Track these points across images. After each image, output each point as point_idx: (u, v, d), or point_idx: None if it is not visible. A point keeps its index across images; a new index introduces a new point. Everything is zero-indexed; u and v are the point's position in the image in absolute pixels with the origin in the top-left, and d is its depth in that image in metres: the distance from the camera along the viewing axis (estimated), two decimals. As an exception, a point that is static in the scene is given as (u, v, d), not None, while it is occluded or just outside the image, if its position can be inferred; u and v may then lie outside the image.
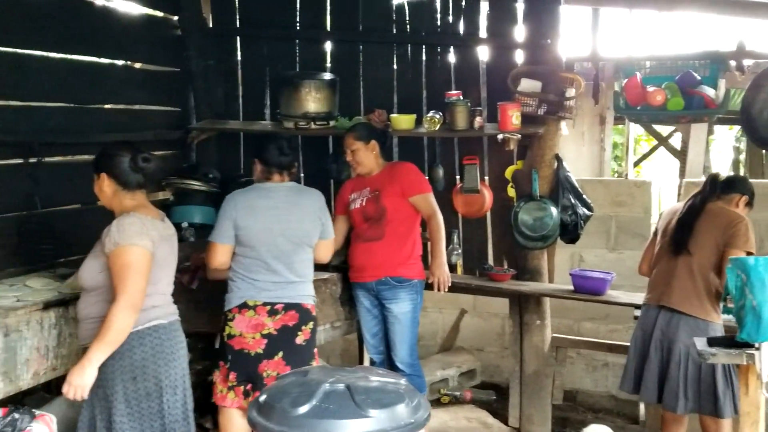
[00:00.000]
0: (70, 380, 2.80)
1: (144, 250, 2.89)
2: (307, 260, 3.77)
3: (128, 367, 2.90)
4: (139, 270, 2.86)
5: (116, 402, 2.88)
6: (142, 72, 5.13)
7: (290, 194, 3.73)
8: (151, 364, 2.95)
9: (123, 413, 2.89)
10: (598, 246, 5.63)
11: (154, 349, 2.97)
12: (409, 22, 5.23)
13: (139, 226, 2.92)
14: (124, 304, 2.80)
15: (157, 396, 2.96)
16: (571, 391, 5.57)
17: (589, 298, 4.53)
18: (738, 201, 3.91)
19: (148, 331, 2.96)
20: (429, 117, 4.82)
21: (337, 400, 2.50)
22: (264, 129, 5.31)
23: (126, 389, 2.90)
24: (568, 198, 4.67)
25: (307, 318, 3.70)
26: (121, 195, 3.05)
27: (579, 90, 4.56)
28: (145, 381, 2.93)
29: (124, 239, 2.85)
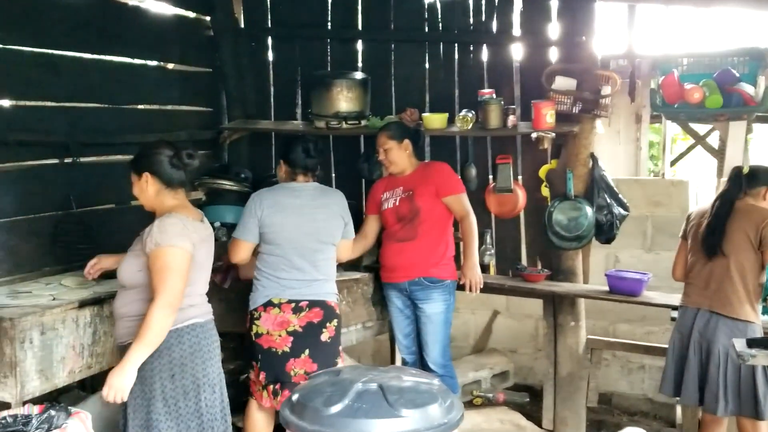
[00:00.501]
0: (110, 382, 2.81)
1: (184, 251, 2.91)
2: (331, 259, 3.81)
3: (167, 366, 2.91)
4: (178, 271, 2.88)
5: (154, 400, 2.90)
6: (175, 73, 5.16)
7: (316, 194, 3.79)
8: (189, 362, 2.97)
9: (160, 412, 2.90)
10: (634, 246, 5.54)
11: (192, 348, 2.98)
12: (441, 20, 5.19)
13: (180, 228, 2.93)
14: (163, 304, 2.82)
15: (194, 395, 2.98)
16: (606, 393, 5.49)
17: (624, 299, 4.45)
18: (765, 193, 3.83)
19: (186, 330, 2.97)
20: (461, 116, 4.78)
21: (370, 400, 2.50)
22: (295, 129, 5.31)
23: (164, 387, 2.92)
24: (604, 197, 4.60)
25: (332, 315, 3.72)
26: (163, 194, 3.06)
27: (615, 88, 4.49)
28: (183, 379, 2.95)
29: (165, 240, 2.87)
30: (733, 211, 3.78)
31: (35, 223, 3.96)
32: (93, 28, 4.36)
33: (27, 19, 3.95)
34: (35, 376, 3.13)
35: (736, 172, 3.90)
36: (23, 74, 3.95)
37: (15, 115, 3.92)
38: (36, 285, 3.67)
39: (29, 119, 3.99)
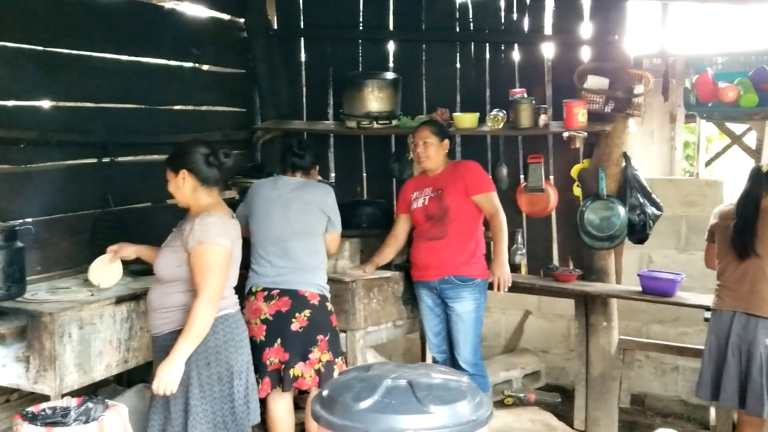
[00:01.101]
0: (160, 375, 2.91)
1: (224, 249, 3.02)
2: (309, 249, 3.85)
3: (203, 354, 3.01)
4: (219, 268, 2.99)
5: (191, 386, 3.00)
6: (210, 74, 5.24)
7: (295, 186, 3.91)
8: (223, 350, 3.07)
9: (197, 396, 3.01)
10: (667, 247, 5.48)
11: (225, 337, 3.09)
12: (472, 20, 5.20)
13: (220, 226, 3.04)
14: (206, 299, 2.94)
15: (228, 380, 3.09)
16: (639, 394, 5.45)
17: (657, 300, 4.41)
18: None
19: (219, 320, 3.07)
20: (492, 115, 4.78)
21: (399, 396, 2.51)
22: (327, 128, 5.37)
23: (200, 374, 3.02)
24: (637, 197, 4.57)
25: (303, 305, 3.76)
26: (199, 191, 3.14)
27: (647, 87, 4.46)
28: (217, 366, 3.06)
29: (208, 238, 2.97)
30: (761, 211, 3.73)
31: (74, 220, 4.07)
32: (130, 30, 4.45)
33: (66, 23, 4.05)
34: (74, 370, 3.21)
35: (756, 170, 3.84)
36: (63, 76, 4.05)
37: (55, 116, 4.03)
38: (75, 281, 3.77)
39: (69, 120, 4.09)
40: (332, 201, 3.97)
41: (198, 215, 3.06)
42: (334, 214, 3.97)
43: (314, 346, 3.74)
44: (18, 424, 2.77)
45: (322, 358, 3.75)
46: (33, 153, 3.87)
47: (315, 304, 3.79)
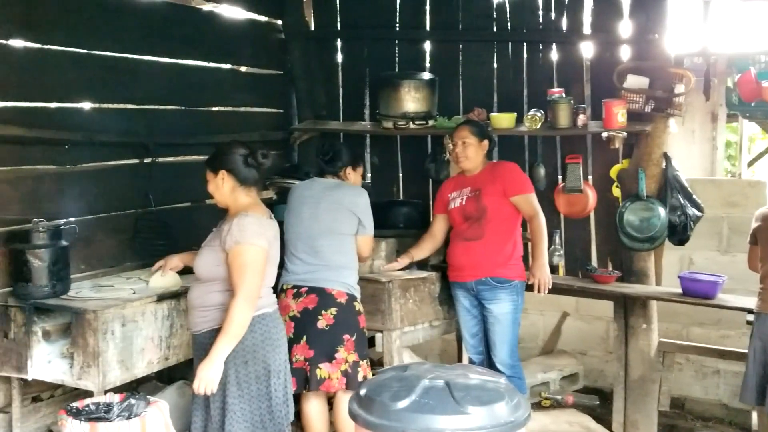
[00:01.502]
0: (200, 375, 2.95)
1: (261, 249, 3.05)
2: (337, 248, 3.86)
3: (240, 353, 3.04)
4: (256, 268, 3.02)
5: (229, 385, 3.03)
6: (247, 75, 5.30)
7: (329, 186, 3.95)
8: (260, 349, 3.10)
9: (235, 395, 3.04)
10: (709, 248, 5.39)
11: (263, 336, 3.12)
12: (509, 19, 5.18)
13: (258, 227, 3.07)
14: (243, 299, 2.97)
15: (265, 379, 3.11)
16: (679, 398, 5.37)
17: (698, 302, 4.35)
18: None
19: (257, 319, 3.10)
20: (530, 115, 4.76)
21: (437, 396, 2.51)
22: (364, 129, 5.39)
23: (238, 373, 3.05)
24: (677, 198, 4.51)
25: (330, 303, 3.77)
26: (237, 191, 3.18)
27: (689, 86, 4.40)
28: (255, 365, 3.08)
29: (245, 239, 3.01)
30: None
31: (117, 220, 4.15)
32: (169, 33, 4.53)
33: (107, 26, 4.13)
34: (116, 366, 3.28)
35: None
36: (106, 78, 4.13)
37: (98, 118, 4.11)
38: (117, 279, 3.85)
39: (111, 121, 4.17)
40: (364, 202, 3.96)
41: (236, 215, 3.09)
42: (365, 216, 3.96)
43: (340, 345, 3.75)
44: (63, 419, 2.84)
45: (348, 358, 3.75)
46: (77, 154, 3.95)
47: (342, 302, 3.81)
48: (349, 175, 4.07)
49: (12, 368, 3.36)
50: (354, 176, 4.10)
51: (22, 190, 3.69)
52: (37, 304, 3.36)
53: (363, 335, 3.89)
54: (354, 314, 3.85)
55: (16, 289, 3.45)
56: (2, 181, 3.61)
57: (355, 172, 4.10)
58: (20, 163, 3.71)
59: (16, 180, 3.67)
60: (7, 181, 3.64)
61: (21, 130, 3.63)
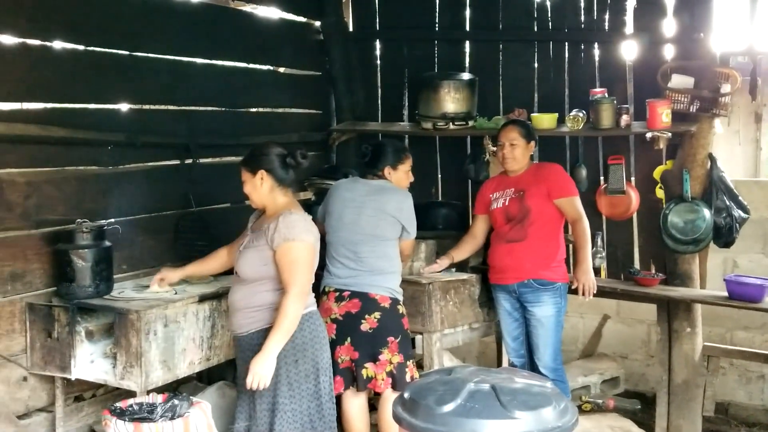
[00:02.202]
0: (254, 370, 2.95)
1: (309, 245, 3.08)
2: (380, 253, 3.82)
3: (290, 351, 3.06)
4: (307, 264, 3.06)
5: (280, 384, 3.05)
6: (287, 76, 5.32)
7: (372, 190, 3.89)
8: (310, 347, 3.13)
9: (286, 395, 3.06)
10: (753, 251, 5.29)
11: (312, 333, 3.15)
12: (550, 19, 5.12)
13: (303, 223, 3.10)
14: (296, 294, 2.99)
15: (314, 378, 3.13)
16: (723, 403, 5.26)
17: (744, 306, 4.24)
18: None
19: (306, 317, 3.12)
20: (572, 116, 4.70)
21: (483, 400, 2.47)
22: (402, 130, 5.37)
23: (288, 372, 3.06)
24: (723, 200, 4.41)
25: (373, 307, 3.76)
26: (276, 192, 3.20)
27: (735, 86, 4.30)
28: (305, 363, 3.10)
29: (294, 235, 3.03)
30: None
31: (158, 220, 4.18)
32: (209, 34, 4.56)
33: (149, 28, 4.18)
34: (158, 367, 3.30)
35: None
36: (146, 80, 4.18)
37: (140, 119, 4.16)
38: (160, 280, 3.86)
39: (152, 122, 4.22)
40: (407, 207, 3.92)
41: (280, 214, 3.10)
42: (409, 221, 3.92)
43: (384, 347, 3.74)
44: (107, 419, 2.86)
45: (392, 360, 3.74)
46: (120, 155, 3.99)
47: (386, 306, 3.79)
48: (390, 174, 3.99)
49: (56, 368, 3.40)
50: (395, 175, 4.00)
51: (65, 191, 3.74)
52: (80, 304, 3.40)
53: (407, 336, 3.87)
54: (398, 317, 3.83)
55: (60, 289, 3.50)
56: (46, 182, 3.66)
57: (396, 170, 3.99)
58: (64, 164, 3.76)
59: (60, 181, 3.72)
60: (52, 181, 3.69)
61: (65, 131, 3.68)
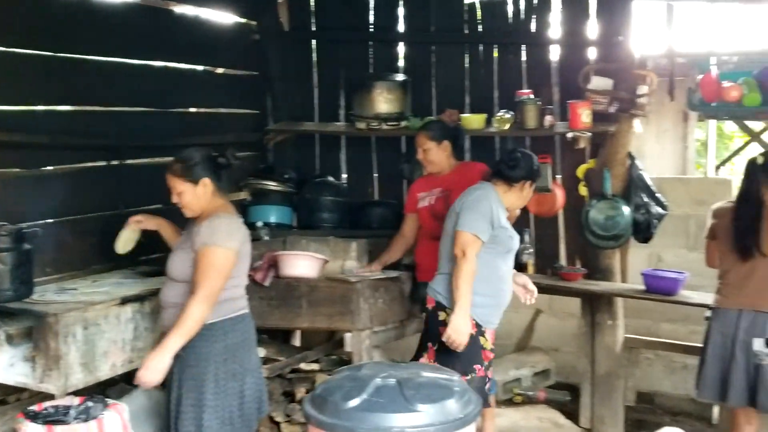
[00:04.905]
0: (147, 365, 2.97)
1: (229, 252, 3.07)
2: (445, 252, 3.77)
3: (221, 350, 3.10)
4: (221, 271, 3.05)
5: (207, 382, 3.08)
6: (223, 76, 5.33)
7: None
8: (239, 349, 3.16)
9: (211, 391, 3.09)
10: (677, 245, 5.47)
11: (243, 335, 3.19)
12: (480, 21, 5.24)
13: (228, 227, 3.11)
14: (202, 297, 2.99)
15: (240, 377, 3.17)
16: (648, 393, 5.44)
17: (660, 299, 4.43)
18: None
19: (239, 318, 3.17)
20: (499, 116, 4.83)
21: (388, 395, 2.58)
22: (338, 130, 5.44)
23: (217, 370, 3.10)
24: (641, 197, 4.58)
25: (425, 308, 3.87)
26: (215, 196, 3.21)
27: (652, 87, 4.47)
28: (233, 363, 3.14)
29: (213, 240, 3.04)
30: (763, 207, 3.67)
31: (86, 222, 4.16)
32: (141, 34, 4.52)
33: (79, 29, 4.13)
34: (78, 369, 3.30)
35: (751, 164, 3.77)
36: (73, 81, 4.14)
37: (67, 120, 4.12)
38: (83, 282, 3.87)
39: (80, 123, 4.17)
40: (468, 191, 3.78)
41: (207, 217, 3.12)
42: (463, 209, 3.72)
43: (425, 351, 3.78)
44: (20, 422, 2.87)
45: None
46: (45, 156, 3.96)
47: (429, 309, 3.81)
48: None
49: (-25, 372, 3.37)
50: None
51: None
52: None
53: (447, 350, 3.63)
54: (437, 324, 3.73)
55: (-22, 293, 3.46)
56: (-33, 186, 3.62)
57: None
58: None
59: (-20, 184, 3.67)
60: (-28, 185, 3.64)
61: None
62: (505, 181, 3.73)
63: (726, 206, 3.89)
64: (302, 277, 4.22)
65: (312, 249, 4.56)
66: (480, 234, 3.57)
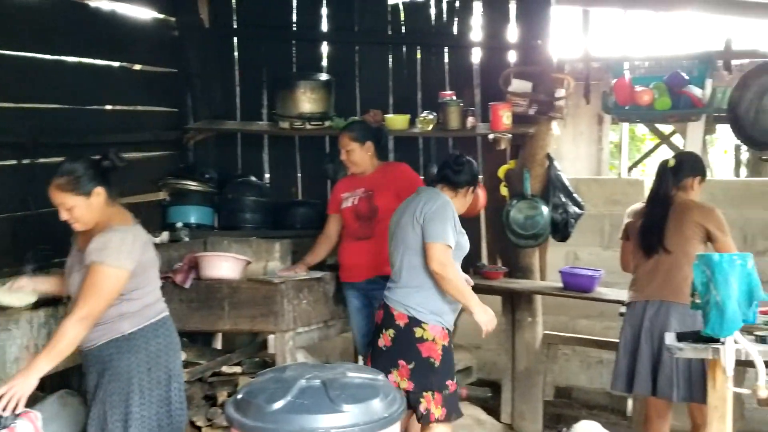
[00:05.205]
0: (12, 383, 2.78)
1: (119, 272, 2.90)
2: (410, 265, 3.61)
3: (144, 359, 3.00)
4: (106, 292, 2.89)
5: (132, 394, 2.98)
6: (141, 73, 5.20)
7: (412, 197, 3.75)
8: (163, 354, 3.07)
9: (137, 403, 2.99)
10: (593, 244, 5.66)
11: (166, 340, 3.09)
12: (404, 22, 5.29)
13: (119, 243, 2.92)
14: (79, 317, 2.84)
15: (166, 384, 3.08)
16: (566, 387, 5.60)
17: (577, 295, 4.57)
18: (692, 184, 3.89)
19: (160, 323, 3.07)
20: (422, 117, 4.88)
21: (312, 396, 2.56)
22: (261, 129, 5.38)
23: (141, 381, 3.00)
24: (559, 197, 4.71)
25: (390, 323, 3.62)
26: (108, 204, 3.04)
27: (568, 90, 4.60)
28: (158, 371, 3.04)
29: (102, 258, 2.88)
30: (671, 209, 3.82)
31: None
32: (58, 30, 4.38)
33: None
34: (-13, 376, 3.17)
35: (663, 166, 3.93)
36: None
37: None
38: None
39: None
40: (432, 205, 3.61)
41: (102, 229, 2.95)
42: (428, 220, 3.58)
43: (394, 368, 3.58)
44: (-76, 433, 2.73)
45: (400, 384, 3.54)
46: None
47: (400, 325, 3.60)
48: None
49: None
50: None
51: None
52: None
53: (427, 366, 3.56)
54: (412, 341, 3.57)
55: None
56: None
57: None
58: None
59: None
60: None
61: None
62: (451, 186, 3.72)
63: (639, 206, 4.05)
64: (224, 278, 4.15)
65: (234, 250, 4.50)
66: (450, 242, 3.54)
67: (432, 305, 3.59)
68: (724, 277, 2.42)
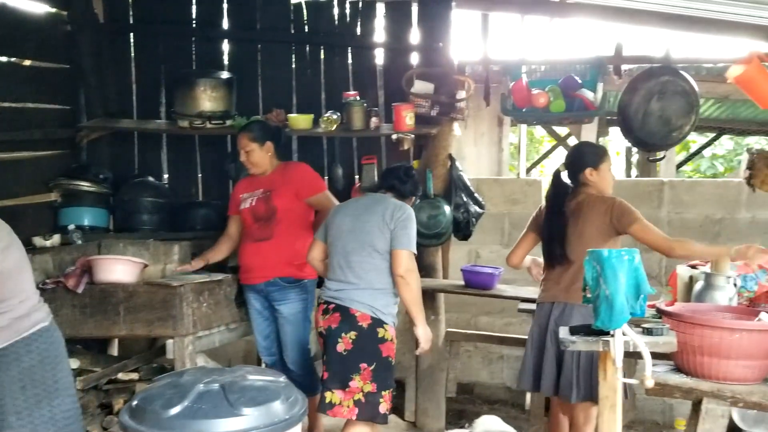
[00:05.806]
0: None
1: None
2: (371, 265, 3.61)
3: (16, 378, 2.80)
4: None
5: (8, 415, 2.78)
6: (30, 69, 4.99)
7: (369, 200, 3.77)
8: (39, 370, 2.85)
9: (14, 426, 2.79)
10: (493, 242, 5.79)
11: (42, 354, 2.88)
12: (307, 22, 5.26)
13: None
14: None
15: (47, 402, 2.88)
16: (468, 383, 5.71)
17: (478, 293, 4.66)
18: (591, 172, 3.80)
19: (33, 337, 2.86)
20: (326, 117, 4.86)
21: (211, 400, 2.51)
22: (158, 128, 5.24)
23: (15, 401, 2.80)
24: (461, 196, 4.79)
25: (351, 326, 3.56)
26: None
27: (469, 92, 4.69)
28: (34, 388, 2.84)
29: None
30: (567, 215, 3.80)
31: None
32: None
33: None
34: None
35: (556, 175, 3.94)
36: None
37: None
38: None
39: None
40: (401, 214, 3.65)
41: None
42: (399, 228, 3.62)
43: (356, 374, 3.53)
44: None
45: (364, 388, 3.53)
46: None
47: (363, 326, 3.57)
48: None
49: None
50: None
51: None
52: None
53: (386, 365, 3.62)
54: (375, 341, 3.59)
55: None
56: None
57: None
58: None
59: None
60: None
61: None
62: (399, 195, 3.79)
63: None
64: (119, 282, 4.02)
65: (130, 253, 4.37)
66: (415, 250, 3.65)
67: (392, 307, 3.70)
68: (612, 272, 2.51)
